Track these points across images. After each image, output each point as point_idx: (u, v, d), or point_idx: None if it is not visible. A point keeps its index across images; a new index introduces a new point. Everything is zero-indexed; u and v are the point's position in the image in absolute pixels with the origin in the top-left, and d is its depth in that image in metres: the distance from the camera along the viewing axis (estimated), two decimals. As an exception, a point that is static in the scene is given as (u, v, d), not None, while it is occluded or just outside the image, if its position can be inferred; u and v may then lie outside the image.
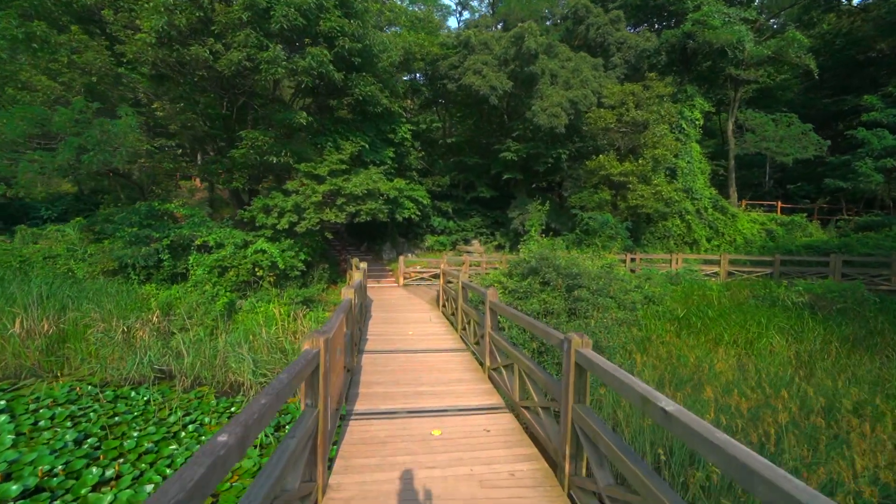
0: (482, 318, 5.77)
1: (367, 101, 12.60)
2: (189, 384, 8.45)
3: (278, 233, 12.04)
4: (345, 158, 12.05)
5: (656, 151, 15.80)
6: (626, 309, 9.52)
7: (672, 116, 16.57)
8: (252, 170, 12.94)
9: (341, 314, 3.93)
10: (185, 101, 10.70)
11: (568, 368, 3.01)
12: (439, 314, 9.56)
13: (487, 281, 10.12)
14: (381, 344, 6.81)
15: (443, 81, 16.74)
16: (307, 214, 11.48)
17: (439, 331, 7.86)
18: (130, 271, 11.35)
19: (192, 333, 9.64)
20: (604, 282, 9.34)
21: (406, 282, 15.23)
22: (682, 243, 20.88)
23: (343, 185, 11.48)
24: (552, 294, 8.92)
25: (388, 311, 9.89)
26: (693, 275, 14.81)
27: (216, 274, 10.75)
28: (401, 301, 11.50)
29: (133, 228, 10.88)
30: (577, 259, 9.66)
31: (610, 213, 15.81)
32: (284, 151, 11.59)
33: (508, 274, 10.26)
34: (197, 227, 11.61)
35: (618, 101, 15.88)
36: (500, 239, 21.09)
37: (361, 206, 11.89)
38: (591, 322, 8.15)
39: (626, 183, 15.94)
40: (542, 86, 15.80)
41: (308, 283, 13.17)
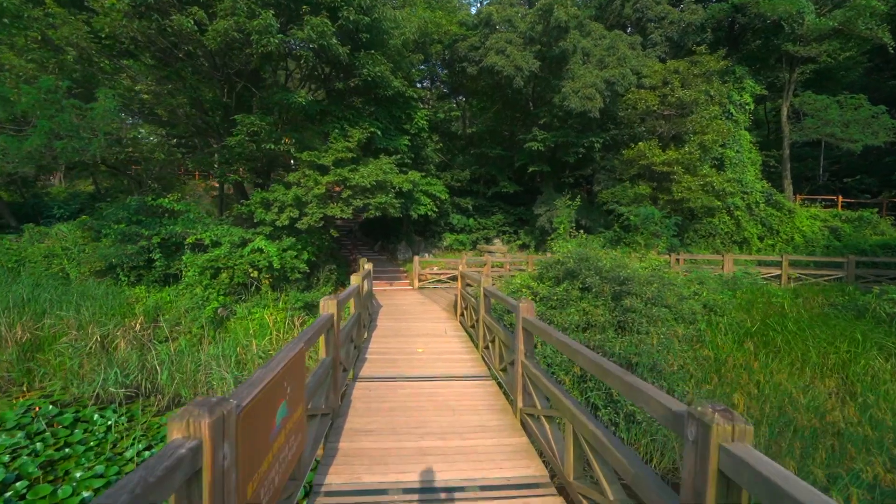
0: (512, 338, 4.27)
1: (377, 82, 11.26)
2: (165, 404, 7.29)
3: (278, 230, 10.84)
4: (352, 146, 10.74)
5: (705, 137, 13.84)
6: (686, 321, 7.80)
7: (723, 97, 14.54)
8: (254, 162, 11.81)
9: (299, 346, 2.52)
10: (172, 82, 9.60)
11: (705, 476, 1.50)
12: (456, 325, 8.09)
13: (513, 286, 8.58)
14: (382, 366, 5.39)
15: (462, 64, 15.26)
16: (309, 209, 10.22)
17: (456, 348, 6.39)
18: (119, 272, 10.38)
19: (177, 343, 8.51)
20: (656, 288, 7.64)
21: (421, 284, 13.83)
22: (730, 242, 18.69)
23: (349, 175, 10.17)
24: (594, 303, 7.31)
25: (398, 318, 8.49)
26: (751, 278, 12.83)
27: (208, 276, 9.61)
28: (413, 307, 10.09)
29: (121, 225, 9.88)
30: (623, 260, 8.00)
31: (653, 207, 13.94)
32: (285, 138, 10.39)
33: (538, 277, 8.69)
34: (192, 224, 10.53)
35: (660, 81, 14.00)
36: (525, 238, 19.43)
37: (370, 200, 10.55)
38: (652, 340, 6.51)
39: (670, 174, 14.05)
40: (573, 65, 14.10)
41: (313, 285, 11.94)
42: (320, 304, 3.84)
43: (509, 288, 8.60)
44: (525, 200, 21.00)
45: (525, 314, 3.90)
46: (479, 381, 4.99)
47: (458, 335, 7.22)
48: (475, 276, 6.95)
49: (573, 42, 13.78)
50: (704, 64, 13.69)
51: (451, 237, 19.32)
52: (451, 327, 7.84)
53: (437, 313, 9.25)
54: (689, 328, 7.69)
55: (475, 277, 6.95)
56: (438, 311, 9.45)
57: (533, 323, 3.76)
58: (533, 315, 3.93)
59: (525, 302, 3.95)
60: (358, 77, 10.89)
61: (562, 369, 6.21)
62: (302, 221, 10.20)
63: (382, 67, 10.85)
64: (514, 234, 20.27)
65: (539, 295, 7.94)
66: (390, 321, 8.28)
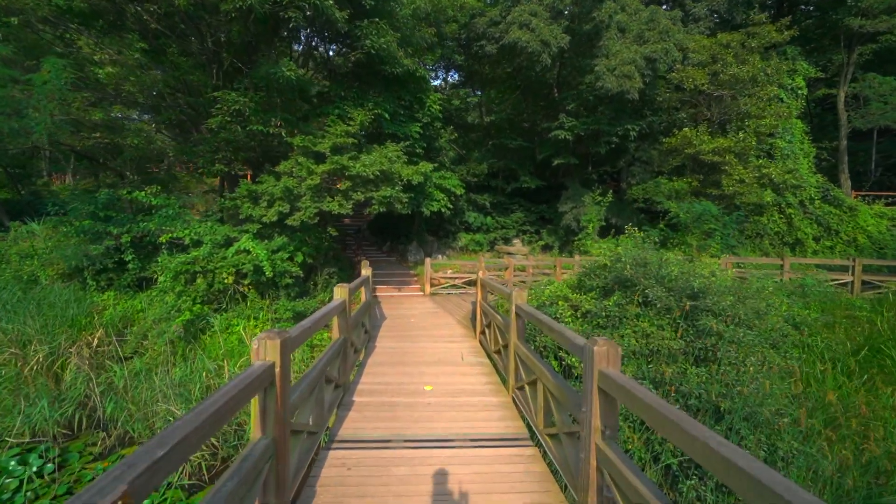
0: (570, 395, 2.63)
1: (383, 58, 9.72)
2: (111, 444, 5.86)
3: (268, 227, 9.39)
4: (354, 130, 9.22)
5: (762, 122, 11.89)
6: (775, 346, 6.01)
7: (781, 76, 12.56)
8: (247, 152, 10.39)
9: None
10: (137, 51, 8.22)
11: None
12: (475, 346, 6.45)
13: (545, 296, 6.90)
14: (373, 417, 3.80)
15: (480, 43, 13.63)
16: (302, 203, 8.73)
17: (477, 385, 4.75)
18: (86, 275, 9.06)
19: (140, 362, 7.09)
20: (731, 301, 5.85)
21: (433, 290, 12.24)
22: (780, 244, 16.58)
23: (349, 164, 8.63)
24: (656, 321, 5.60)
25: (403, 336, 6.90)
26: (822, 286, 10.86)
27: (182, 281, 8.20)
28: (423, 319, 8.49)
29: (84, 222, 8.54)
30: (690, 266, 6.24)
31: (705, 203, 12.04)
32: (274, 120, 8.93)
33: (577, 286, 6.99)
34: (169, 221, 9.13)
35: (709, 57, 12.10)
36: (548, 238, 17.68)
37: (373, 193, 9.00)
38: (747, 376, 4.75)
39: (720, 164, 12.14)
40: (607, 41, 12.32)
41: (309, 291, 10.45)
42: (252, 353, 2.32)
43: (539, 299, 6.94)
44: (548, 197, 19.23)
45: (607, 366, 2.26)
46: (514, 447, 3.35)
47: (479, 363, 5.58)
48: (502, 288, 5.30)
49: (608, 14, 12.01)
50: (763, 36, 11.75)
51: (467, 237, 17.69)
52: (470, 349, 6.21)
53: (452, 328, 7.63)
54: (779, 355, 5.89)
55: (501, 289, 5.30)
56: (453, 326, 7.83)
57: (617, 382, 2.12)
58: (618, 365, 2.28)
59: (604, 343, 2.30)
60: (360, 50, 9.37)
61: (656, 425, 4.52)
62: (293, 217, 8.71)
63: (388, 38, 9.30)
64: (535, 234, 18.53)
65: (580, 309, 6.26)
66: (393, 339, 6.69)
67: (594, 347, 2.30)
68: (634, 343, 5.49)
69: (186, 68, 10.31)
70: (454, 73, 20.22)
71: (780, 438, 4.61)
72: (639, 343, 5.50)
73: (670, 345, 5.32)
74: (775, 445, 4.58)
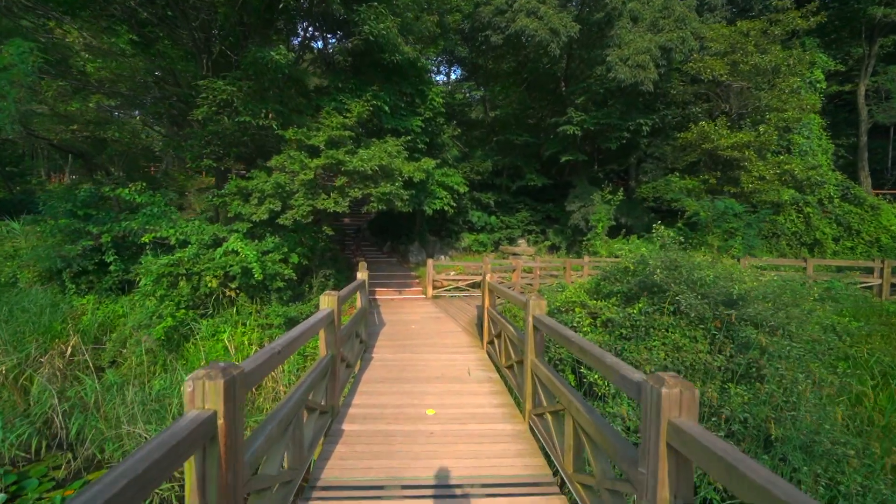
0: (622, 448, 1.99)
1: (382, 45, 9.09)
2: (80, 465, 5.25)
3: (259, 227, 8.78)
4: (351, 123, 8.60)
5: (785, 115, 11.21)
6: (820, 359, 5.34)
7: (804, 67, 11.87)
8: (240, 147, 9.79)
9: None
10: (126, 43, 7.64)
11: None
12: (482, 357, 5.82)
13: (558, 301, 6.26)
14: (367, 453, 3.16)
15: (485, 34, 12.99)
16: (295, 200, 8.11)
17: (487, 407, 4.11)
18: (65, 278, 8.47)
19: (110, 376, 6.49)
20: (770, 309, 5.19)
21: (436, 292, 11.62)
22: (798, 244, 15.84)
23: (345, 158, 8.01)
24: (688, 332, 4.95)
25: (402, 346, 6.26)
26: (850, 289, 10.17)
27: (165, 284, 7.59)
28: (425, 325, 7.86)
29: (61, 220, 7.95)
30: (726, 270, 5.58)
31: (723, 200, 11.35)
32: (266, 112, 8.32)
33: (595, 290, 6.35)
34: (154, 220, 8.52)
35: (728, 46, 11.42)
36: (554, 238, 17.01)
37: (371, 190, 8.38)
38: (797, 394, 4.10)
39: (739, 160, 11.46)
40: (619, 30, 11.66)
41: (304, 294, 9.84)
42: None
43: (552, 305, 6.30)
44: (554, 196, 18.57)
45: (679, 414, 1.62)
46: (537, 497, 2.71)
47: (489, 379, 4.94)
48: (515, 295, 4.66)
49: (620, 0, 11.34)
50: (787, 23, 11.06)
51: (471, 237, 17.06)
52: (477, 362, 5.57)
53: (456, 336, 6.99)
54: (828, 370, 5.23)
55: (515, 297, 4.66)
56: (458, 334, 7.19)
57: (699, 441, 1.48)
58: (696, 413, 1.65)
59: (675, 383, 1.66)
60: (358, 36, 8.75)
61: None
62: (285, 216, 8.09)
63: (388, 24, 8.67)
64: (541, 234, 17.87)
65: (601, 317, 5.62)
66: (391, 350, 6.05)
67: (661, 388, 1.66)
68: (664, 357, 4.85)
69: (174, 58, 9.73)
70: (457, 68, 19.59)
71: (839, 471, 3.96)
72: (669, 357, 4.87)
73: (707, 359, 4.68)
74: (835, 479, 3.93)
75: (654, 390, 1.69)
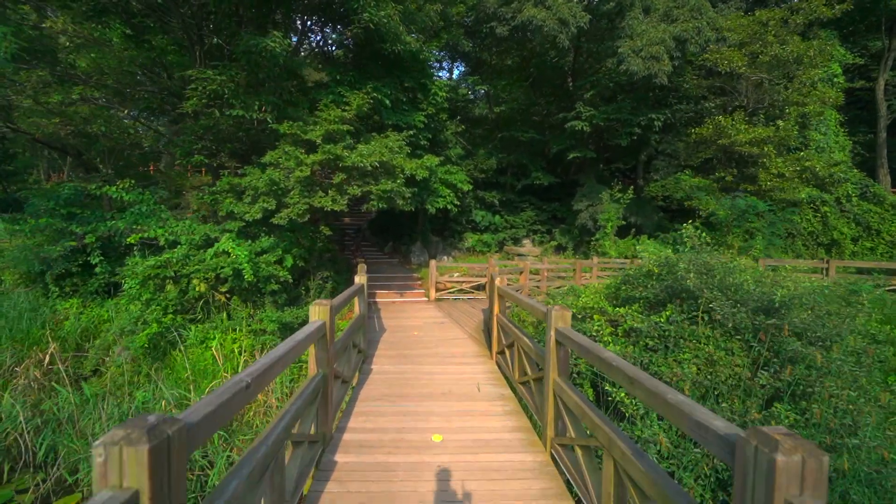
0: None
1: (382, 33, 8.60)
2: (51, 487, 4.79)
3: (253, 226, 8.32)
4: (349, 116, 8.11)
5: (806, 109, 10.66)
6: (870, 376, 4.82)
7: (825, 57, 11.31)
8: (235, 142, 9.33)
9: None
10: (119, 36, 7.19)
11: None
12: (492, 369, 5.32)
13: (575, 308, 5.75)
14: (362, 495, 2.67)
15: (490, 25, 12.47)
16: (290, 198, 7.63)
17: (502, 431, 3.61)
18: (48, 280, 8.02)
19: (92, 385, 6.03)
20: (812, 316, 4.68)
21: (439, 295, 11.12)
22: (814, 244, 15.28)
23: (343, 154, 7.52)
24: (723, 343, 4.45)
25: (404, 357, 5.76)
26: (878, 293, 9.64)
27: (151, 287, 7.12)
28: (428, 331, 7.36)
29: (42, 220, 7.48)
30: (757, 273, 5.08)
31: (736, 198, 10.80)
32: (259, 104, 7.84)
33: (614, 296, 5.84)
34: (143, 219, 8.06)
35: (747, 36, 10.87)
36: (561, 238, 16.49)
37: (371, 187, 7.89)
38: (852, 415, 3.59)
39: (757, 156, 10.92)
40: (631, 20, 11.13)
41: (300, 297, 9.37)
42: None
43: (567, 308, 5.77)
44: (560, 195, 18.06)
45: (802, 496, 1.12)
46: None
47: (500, 396, 4.44)
48: (532, 303, 4.15)
49: (632, -10, 10.83)
50: (810, 11, 10.51)
51: (474, 237, 16.55)
52: (486, 374, 5.08)
53: (462, 344, 6.49)
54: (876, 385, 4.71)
55: (532, 305, 4.15)
56: (464, 341, 6.69)
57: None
58: (824, 491, 1.15)
59: (795, 446, 1.17)
60: (358, 24, 8.25)
61: None
62: (280, 215, 7.61)
63: (389, 11, 8.18)
64: (546, 234, 17.36)
65: (622, 326, 5.11)
66: (393, 360, 5.56)
67: (774, 456, 1.15)
68: (696, 372, 4.35)
69: (166, 50, 9.27)
70: (460, 63, 19.09)
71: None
72: (702, 372, 4.36)
73: (745, 375, 4.17)
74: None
75: (762, 456, 1.19)
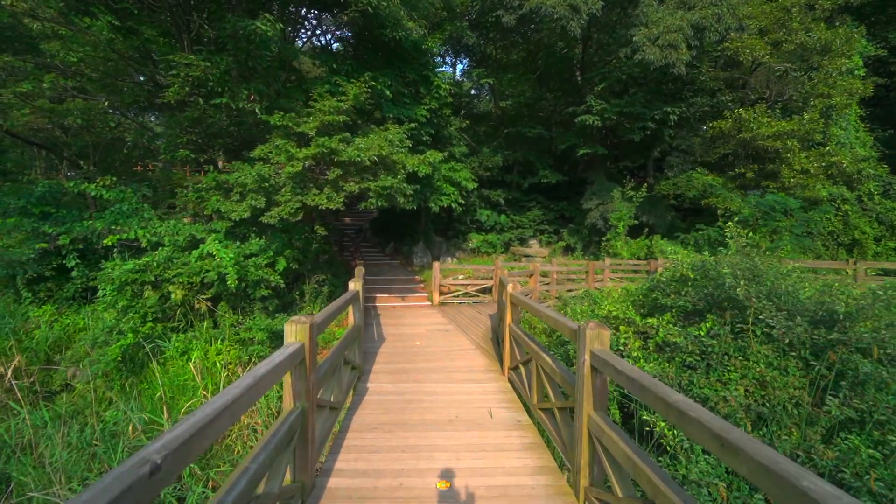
0: None
1: (381, 18, 8.00)
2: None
3: (241, 226, 7.72)
4: (346, 107, 7.50)
5: (833, 101, 9.99)
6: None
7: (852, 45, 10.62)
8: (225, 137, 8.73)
9: None
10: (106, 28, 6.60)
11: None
12: (505, 387, 4.68)
13: (598, 317, 5.13)
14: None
15: (496, 14, 11.83)
16: (282, 196, 7.02)
17: (522, 473, 2.97)
18: (19, 284, 7.43)
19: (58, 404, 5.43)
20: (870, 330, 4.01)
21: (443, 299, 10.50)
22: (834, 245, 14.56)
23: (339, 147, 6.91)
24: (776, 361, 3.81)
25: (404, 372, 5.13)
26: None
27: (129, 294, 6.52)
28: (432, 341, 6.73)
29: (11, 219, 6.89)
30: (826, 281, 4.43)
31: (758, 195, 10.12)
32: (248, 92, 7.24)
33: (641, 303, 5.20)
34: (123, 219, 7.47)
35: (770, 23, 10.21)
36: (569, 238, 15.84)
37: (369, 184, 7.27)
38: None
39: (781, 151, 10.25)
40: (645, 8, 10.50)
41: (295, 302, 8.77)
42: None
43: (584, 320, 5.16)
44: (568, 193, 17.41)
45: None
46: None
47: (517, 423, 3.79)
48: (558, 317, 3.49)
49: (647, -25, 10.19)
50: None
51: (479, 238, 15.91)
52: (499, 395, 4.44)
53: (470, 356, 5.86)
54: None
55: (558, 319, 3.51)
56: (471, 353, 6.05)
57: None
58: None
59: None
60: (355, 8, 7.64)
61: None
62: (270, 213, 7.00)
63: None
64: (553, 234, 16.71)
65: (653, 338, 4.46)
66: (391, 377, 4.93)
67: None
68: (744, 396, 3.71)
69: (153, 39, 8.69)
70: (464, 58, 18.45)
71: None
72: (752, 395, 3.73)
73: (805, 399, 3.54)
74: None
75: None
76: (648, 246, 13.42)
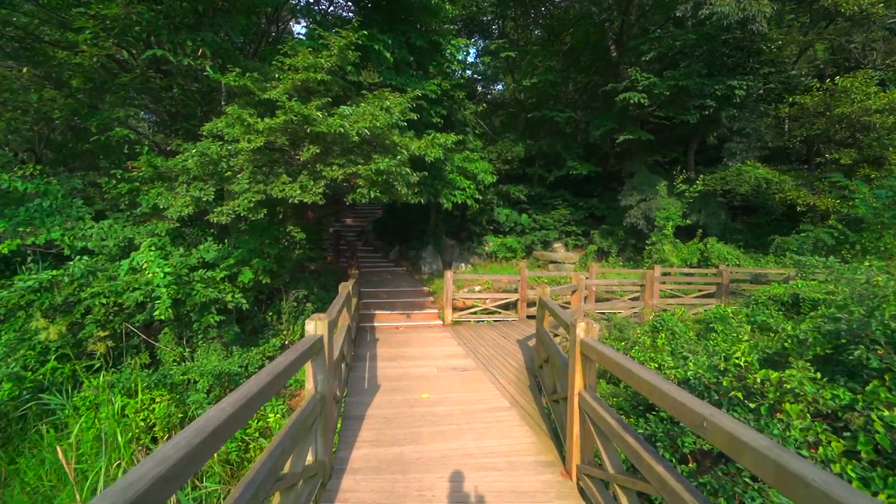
0: None
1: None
2: None
3: (190, 226, 5.83)
4: (329, 65, 5.55)
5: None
6: None
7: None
8: (170, 103, 6.80)
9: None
10: None
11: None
12: (570, 492, 2.62)
13: (710, 372, 3.05)
14: None
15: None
16: (237, 184, 5.09)
17: None
18: None
19: None
20: None
21: (457, 316, 8.46)
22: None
23: (315, 115, 4.95)
24: None
25: (401, 464, 3.11)
26: None
27: (18, 324, 4.65)
28: (443, 391, 4.68)
29: None
30: None
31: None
32: (193, 42, 5.35)
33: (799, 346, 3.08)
34: (41, 217, 5.64)
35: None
36: (601, 241, 13.66)
37: (358, 167, 5.30)
38: None
39: (892, 129, 8.00)
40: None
41: (268, 325, 6.83)
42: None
43: (681, 374, 3.12)
44: (600, 187, 15.30)
45: None
46: None
47: None
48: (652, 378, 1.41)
49: None
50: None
51: (496, 241, 13.84)
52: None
53: (506, 428, 3.78)
54: None
55: (650, 380, 1.44)
56: (507, 421, 3.96)
57: None
58: None
59: None
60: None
61: None
62: (221, 209, 5.06)
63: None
64: (582, 237, 14.54)
65: (855, 423, 2.36)
66: (378, 478, 2.92)
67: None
68: None
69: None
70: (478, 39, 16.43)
71: None
72: None
73: None
74: None
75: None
76: (702, 251, 11.22)
